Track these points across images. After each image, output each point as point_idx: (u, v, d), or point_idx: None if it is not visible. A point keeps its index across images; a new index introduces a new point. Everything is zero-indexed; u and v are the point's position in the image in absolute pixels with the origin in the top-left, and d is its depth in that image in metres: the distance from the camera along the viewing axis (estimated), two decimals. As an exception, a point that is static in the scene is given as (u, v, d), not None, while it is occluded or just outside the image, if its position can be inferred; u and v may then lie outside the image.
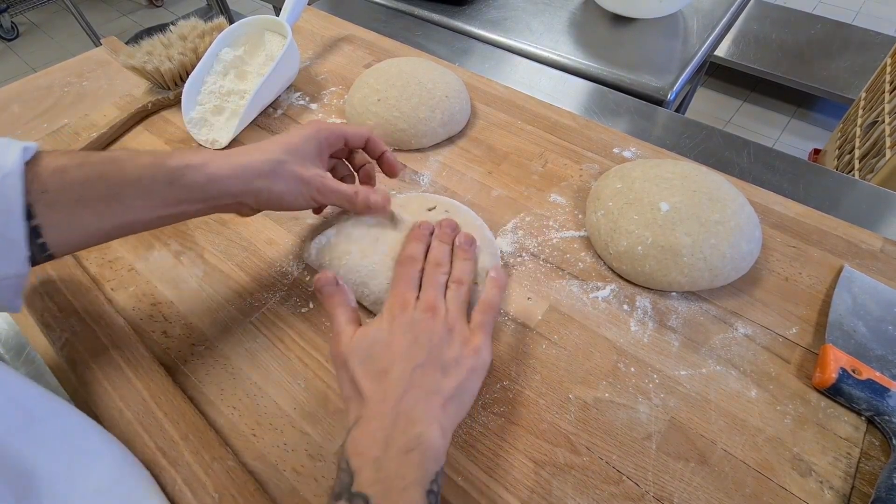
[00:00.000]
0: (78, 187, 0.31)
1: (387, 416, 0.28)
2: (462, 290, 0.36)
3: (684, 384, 0.37)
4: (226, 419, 0.37)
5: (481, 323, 0.35)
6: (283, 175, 0.37)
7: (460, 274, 0.37)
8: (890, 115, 1.08)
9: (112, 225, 0.33)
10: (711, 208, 0.41)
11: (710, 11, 0.81)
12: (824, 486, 0.32)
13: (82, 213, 0.31)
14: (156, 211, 0.34)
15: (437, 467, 0.28)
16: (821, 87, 1.66)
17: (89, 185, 0.31)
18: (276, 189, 0.37)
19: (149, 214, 0.34)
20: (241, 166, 0.36)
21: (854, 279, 0.42)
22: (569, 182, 0.52)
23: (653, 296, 0.42)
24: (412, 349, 0.31)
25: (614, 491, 0.33)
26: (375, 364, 0.31)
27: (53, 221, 0.30)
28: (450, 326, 0.33)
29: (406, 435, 0.28)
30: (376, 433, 0.28)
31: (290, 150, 0.38)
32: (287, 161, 0.37)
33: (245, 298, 0.44)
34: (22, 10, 2.56)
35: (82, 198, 0.31)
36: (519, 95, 0.62)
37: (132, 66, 0.59)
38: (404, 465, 0.27)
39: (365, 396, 0.30)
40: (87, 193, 0.31)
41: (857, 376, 0.35)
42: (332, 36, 0.74)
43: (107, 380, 0.38)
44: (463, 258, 0.39)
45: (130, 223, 0.34)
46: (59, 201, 0.30)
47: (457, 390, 0.31)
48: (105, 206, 0.32)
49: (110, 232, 0.33)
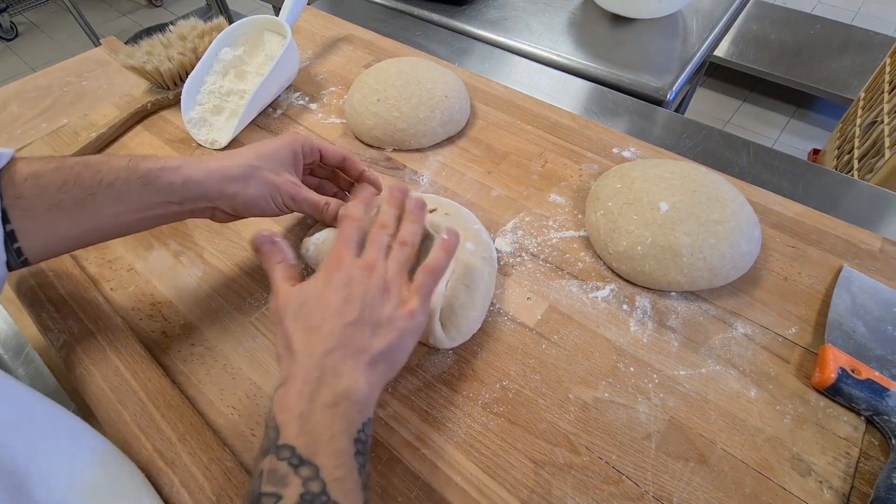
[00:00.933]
0: (53, 192, 0.31)
1: (312, 371, 0.28)
2: (404, 251, 0.35)
3: (684, 384, 0.37)
4: (225, 419, 0.37)
5: (421, 284, 0.34)
6: (256, 179, 0.37)
7: (405, 235, 0.36)
8: (889, 114, 1.08)
9: (86, 229, 0.33)
10: (711, 208, 0.41)
11: (710, 11, 0.81)
12: (823, 486, 0.32)
13: (57, 217, 0.32)
14: (130, 214, 0.34)
15: (363, 418, 0.28)
16: (820, 87, 1.66)
17: (64, 189, 0.31)
18: (249, 193, 0.37)
19: (123, 218, 0.34)
20: (216, 170, 0.36)
21: (853, 279, 0.42)
22: (568, 182, 0.52)
23: (652, 296, 0.42)
24: (344, 306, 0.30)
25: (614, 491, 0.33)
26: (307, 320, 0.30)
27: (28, 227, 0.31)
28: (386, 286, 0.32)
29: (331, 389, 0.28)
30: (302, 389, 0.28)
31: (263, 157, 0.38)
32: (260, 167, 0.38)
33: (245, 298, 0.44)
34: (21, 9, 2.56)
35: (57, 202, 0.31)
36: (518, 95, 0.62)
37: (131, 66, 0.59)
38: (329, 417, 0.27)
39: (294, 352, 0.29)
40: (61, 198, 0.31)
41: (856, 376, 0.35)
42: (331, 36, 0.74)
43: (105, 380, 0.38)
44: (410, 220, 0.37)
45: (104, 228, 0.34)
46: (34, 207, 0.31)
47: (387, 350, 0.30)
48: (80, 211, 0.32)
49: (84, 237, 0.34)
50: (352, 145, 0.57)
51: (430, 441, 0.35)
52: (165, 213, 0.36)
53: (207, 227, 0.49)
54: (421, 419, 0.36)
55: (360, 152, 0.56)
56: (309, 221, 0.49)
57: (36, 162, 0.32)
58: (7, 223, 0.30)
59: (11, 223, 0.30)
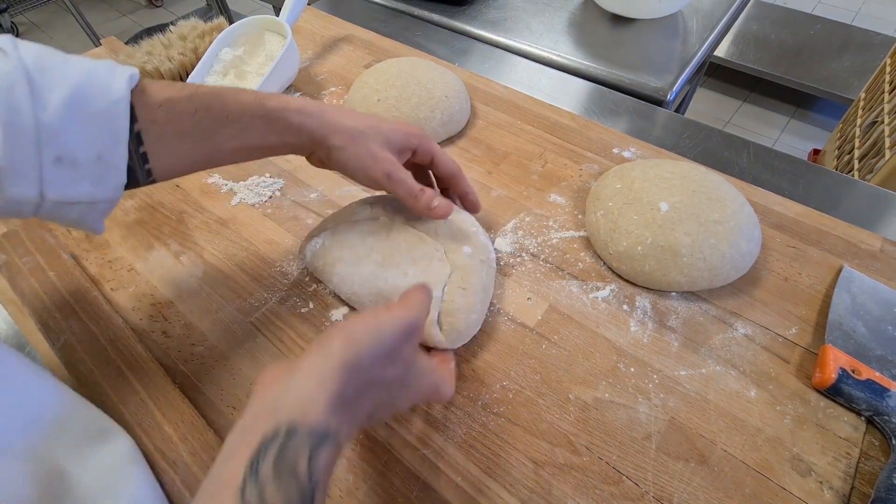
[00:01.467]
0: (185, 120, 0.32)
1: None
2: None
3: (684, 384, 0.37)
4: (226, 419, 0.37)
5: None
6: (359, 144, 0.38)
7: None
8: (889, 115, 1.08)
9: (209, 156, 0.35)
10: (711, 208, 0.41)
11: (710, 11, 0.81)
12: (824, 486, 0.32)
13: (186, 144, 0.33)
14: (250, 148, 0.36)
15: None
16: (820, 87, 1.66)
17: (195, 119, 0.33)
18: (347, 153, 0.37)
19: (243, 149, 0.36)
20: (330, 122, 0.37)
21: (853, 279, 0.42)
22: (568, 182, 0.52)
23: (652, 296, 0.42)
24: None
25: (614, 491, 0.33)
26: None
27: (160, 150, 0.32)
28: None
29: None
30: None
31: (375, 129, 0.38)
32: (369, 135, 0.38)
33: (245, 298, 0.44)
34: (22, 10, 2.56)
35: (188, 131, 0.33)
36: (519, 95, 0.62)
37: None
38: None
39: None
40: (192, 128, 0.33)
41: (856, 376, 0.35)
42: (331, 36, 0.74)
43: (106, 381, 0.38)
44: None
45: (224, 156, 0.36)
46: (166, 132, 0.32)
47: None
48: (206, 141, 0.34)
49: (204, 162, 0.35)
50: (352, 145, 0.57)
51: (430, 441, 0.35)
52: (276, 149, 0.38)
53: (208, 227, 0.49)
54: (421, 419, 0.36)
55: (361, 152, 0.56)
56: (309, 221, 0.49)
57: (169, 88, 0.32)
58: (141, 145, 0.31)
59: (145, 146, 0.31)
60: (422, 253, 0.39)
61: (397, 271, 0.39)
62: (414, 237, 0.41)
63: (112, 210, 0.32)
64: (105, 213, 0.32)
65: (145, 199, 0.52)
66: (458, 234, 0.41)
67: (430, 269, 0.39)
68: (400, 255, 0.40)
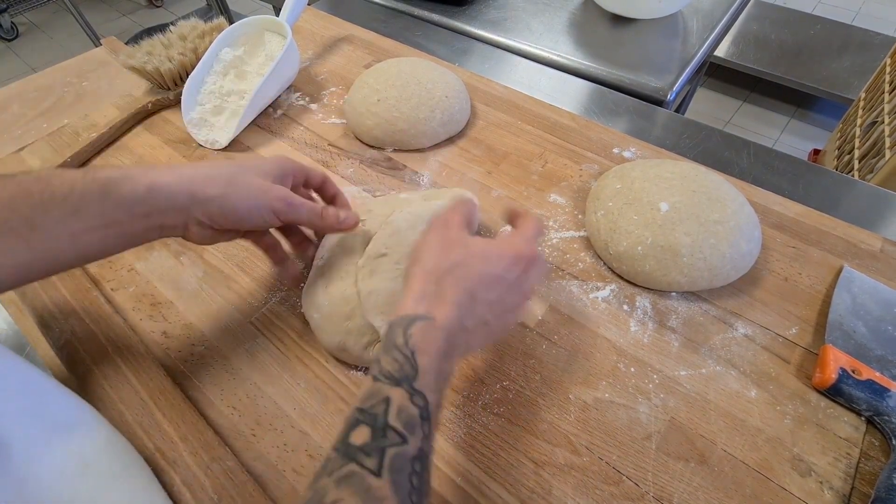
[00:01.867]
0: (1, 210, 0.28)
1: (459, 331, 0.29)
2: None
3: (684, 384, 0.37)
4: (226, 419, 0.37)
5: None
6: (239, 185, 0.33)
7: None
8: (889, 115, 1.08)
9: (41, 254, 0.29)
10: (711, 208, 0.41)
11: (710, 12, 0.81)
12: (824, 487, 0.32)
13: (7, 241, 0.28)
14: (90, 233, 0.30)
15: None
16: (820, 87, 1.66)
17: (12, 206, 0.28)
18: (231, 200, 0.33)
19: (82, 238, 0.30)
20: (188, 174, 0.32)
21: (854, 279, 0.42)
22: (568, 182, 0.52)
23: (653, 296, 0.42)
24: (498, 283, 0.31)
25: (614, 491, 0.33)
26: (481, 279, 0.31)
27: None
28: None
29: (455, 356, 0.29)
30: (447, 340, 0.28)
31: (245, 167, 0.35)
32: (244, 173, 0.34)
33: (245, 298, 0.44)
34: (22, 10, 2.56)
35: (4, 222, 0.28)
36: (519, 95, 0.62)
37: (132, 67, 0.59)
38: (444, 382, 0.28)
39: (450, 299, 0.29)
40: (9, 217, 0.28)
41: (856, 376, 0.35)
42: (331, 36, 0.74)
43: (106, 380, 0.38)
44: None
45: (62, 251, 0.30)
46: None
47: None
48: (31, 231, 0.28)
49: (40, 264, 0.30)
50: (352, 145, 0.57)
51: (430, 441, 0.35)
52: (130, 230, 0.32)
53: (208, 227, 0.49)
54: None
55: (361, 152, 0.56)
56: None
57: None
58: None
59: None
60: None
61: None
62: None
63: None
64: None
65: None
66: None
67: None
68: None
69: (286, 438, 0.36)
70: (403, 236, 0.38)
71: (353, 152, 0.56)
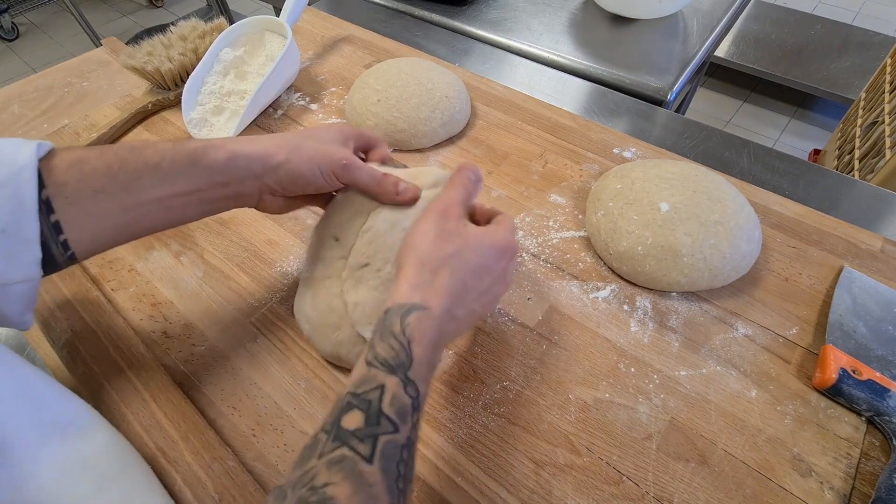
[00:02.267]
0: (98, 177, 0.30)
1: (449, 320, 0.29)
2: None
3: (684, 384, 0.37)
4: (226, 419, 0.37)
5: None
6: (302, 150, 0.35)
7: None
8: (890, 115, 1.08)
9: (134, 216, 0.31)
10: (711, 208, 0.41)
11: (710, 12, 0.81)
12: (824, 487, 0.32)
13: (103, 204, 0.30)
14: (177, 198, 0.32)
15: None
16: (820, 87, 1.66)
17: (110, 173, 0.30)
18: (295, 163, 0.35)
19: (170, 202, 0.32)
20: (263, 145, 0.35)
21: (854, 279, 0.42)
22: (569, 182, 0.52)
23: (653, 296, 0.42)
24: (485, 273, 0.32)
25: (614, 491, 0.33)
26: (474, 271, 0.31)
27: (74, 216, 0.29)
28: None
29: (443, 346, 0.30)
30: (438, 331, 0.29)
31: (308, 135, 0.37)
32: (308, 139, 0.36)
33: (245, 298, 0.44)
34: (22, 10, 2.57)
35: (103, 188, 0.30)
36: (519, 96, 0.62)
37: (132, 67, 0.59)
38: (430, 372, 0.29)
39: (444, 289, 0.29)
40: (107, 183, 0.30)
41: (857, 377, 0.35)
42: (332, 36, 0.74)
43: (107, 380, 0.38)
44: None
45: (151, 214, 0.32)
46: (79, 193, 0.29)
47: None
48: (126, 195, 0.30)
49: (132, 225, 0.32)
50: (352, 146, 0.57)
51: (430, 442, 0.35)
52: (213, 196, 0.34)
53: (207, 227, 0.49)
54: (422, 420, 0.36)
55: (361, 153, 0.56)
56: (309, 222, 0.49)
57: (79, 150, 0.30)
58: (52, 213, 0.28)
59: (56, 213, 0.28)
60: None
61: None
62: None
63: (34, 296, 0.30)
64: (26, 301, 0.30)
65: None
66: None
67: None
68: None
69: (286, 438, 0.36)
70: (383, 242, 0.37)
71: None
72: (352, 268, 0.37)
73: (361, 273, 0.37)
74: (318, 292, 0.38)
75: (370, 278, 0.37)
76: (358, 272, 0.37)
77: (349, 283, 0.37)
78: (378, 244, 0.37)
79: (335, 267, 0.38)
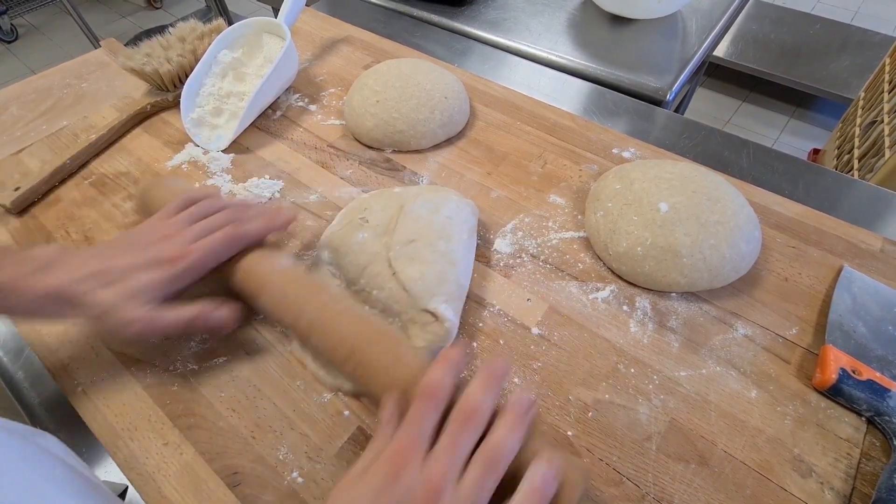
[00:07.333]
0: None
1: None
2: (491, 478, 0.25)
3: (684, 385, 0.37)
4: (226, 421, 0.37)
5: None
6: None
7: (499, 445, 0.26)
8: (889, 114, 1.08)
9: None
10: (711, 209, 0.41)
11: (709, 12, 0.81)
12: (825, 487, 0.32)
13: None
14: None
15: None
16: (820, 86, 1.66)
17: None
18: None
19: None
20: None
21: (854, 279, 0.42)
22: (568, 183, 0.52)
23: (652, 296, 0.42)
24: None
25: (615, 492, 0.32)
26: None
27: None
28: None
29: None
30: None
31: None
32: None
33: (244, 300, 0.44)
34: (21, 11, 2.57)
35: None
36: (518, 96, 0.62)
37: (131, 68, 0.59)
38: None
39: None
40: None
41: (857, 377, 0.35)
42: (330, 37, 0.74)
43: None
44: (508, 426, 0.26)
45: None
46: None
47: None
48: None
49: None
50: (351, 146, 0.57)
51: (430, 443, 0.35)
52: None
53: (207, 228, 0.49)
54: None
55: (360, 153, 0.56)
56: (309, 222, 0.49)
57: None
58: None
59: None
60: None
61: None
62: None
63: None
64: None
65: (144, 201, 0.52)
66: (442, 212, 0.41)
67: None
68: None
69: (285, 440, 0.35)
70: (427, 221, 0.39)
71: (352, 153, 0.56)
72: (400, 243, 0.39)
73: (412, 248, 0.38)
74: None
75: (423, 252, 0.38)
76: (407, 248, 0.38)
77: (403, 260, 0.38)
78: (423, 223, 0.39)
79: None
